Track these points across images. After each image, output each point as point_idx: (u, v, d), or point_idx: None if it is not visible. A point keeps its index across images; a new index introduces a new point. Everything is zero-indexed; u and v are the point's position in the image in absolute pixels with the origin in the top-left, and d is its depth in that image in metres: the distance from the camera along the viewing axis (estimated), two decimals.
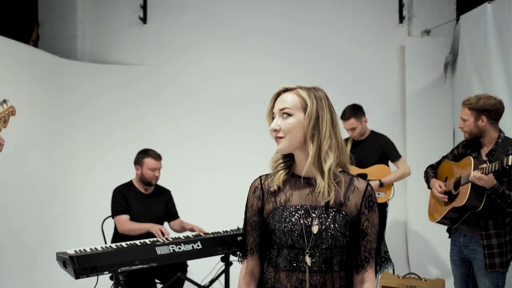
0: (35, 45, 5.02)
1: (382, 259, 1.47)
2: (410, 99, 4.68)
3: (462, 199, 2.48)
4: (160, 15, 5.08)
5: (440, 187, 2.70)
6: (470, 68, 3.73)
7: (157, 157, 3.41)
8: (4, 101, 2.59)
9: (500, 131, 2.53)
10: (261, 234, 1.48)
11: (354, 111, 3.49)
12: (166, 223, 3.59)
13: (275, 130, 1.41)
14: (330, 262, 1.38)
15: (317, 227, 1.37)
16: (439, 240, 4.39)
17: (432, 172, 2.89)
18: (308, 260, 1.37)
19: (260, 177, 1.52)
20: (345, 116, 3.50)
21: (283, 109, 1.42)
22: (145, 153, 3.41)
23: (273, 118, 1.45)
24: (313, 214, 1.39)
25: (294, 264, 1.38)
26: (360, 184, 1.45)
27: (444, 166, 2.81)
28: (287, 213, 1.40)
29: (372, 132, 3.61)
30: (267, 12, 4.97)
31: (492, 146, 2.51)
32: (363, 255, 1.43)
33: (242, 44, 4.95)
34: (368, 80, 4.78)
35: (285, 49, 4.89)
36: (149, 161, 3.36)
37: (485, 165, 2.37)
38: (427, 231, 4.42)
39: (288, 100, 1.42)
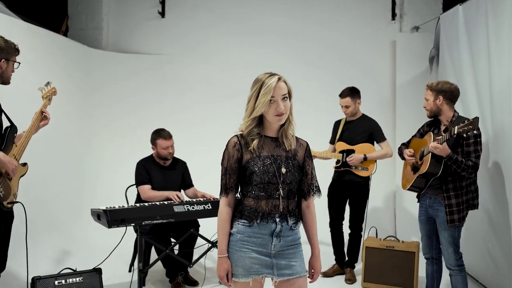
0: (65, 35, 5.59)
1: (316, 189, 2.09)
2: (400, 89, 5.19)
3: (425, 167, 3.02)
4: (177, 10, 5.63)
5: (410, 151, 3.25)
6: (447, 61, 4.23)
7: (168, 136, 3.87)
8: (48, 83, 3.17)
9: (455, 111, 3.06)
10: (238, 177, 2.00)
11: (352, 91, 4.01)
12: (182, 191, 4.14)
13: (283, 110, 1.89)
14: (291, 191, 2.00)
15: (285, 169, 1.97)
16: None
17: (404, 147, 3.44)
18: (280, 191, 1.96)
19: (236, 135, 2.02)
20: (342, 94, 4.02)
21: (285, 94, 1.91)
22: (157, 134, 3.86)
23: (270, 101, 1.89)
24: (279, 160, 1.98)
25: (269, 194, 1.95)
26: (303, 142, 2.10)
27: (413, 143, 3.35)
28: (262, 160, 1.96)
29: (364, 115, 4.12)
30: (272, 11, 5.50)
31: (448, 124, 3.05)
32: (307, 188, 2.07)
33: (249, 38, 5.49)
34: (363, 71, 5.30)
35: (288, 44, 5.43)
36: (161, 142, 3.84)
37: (440, 136, 2.90)
38: (411, 202, 4.92)
39: (284, 87, 1.92)
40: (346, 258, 4.12)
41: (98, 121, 5.35)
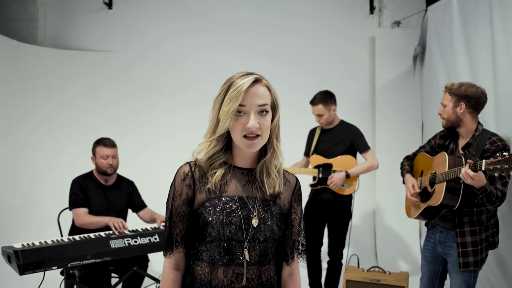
0: None
1: (302, 249, 1.47)
2: (380, 91, 4.65)
3: (437, 199, 2.39)
4: (126, 0, 4.90)
5: (413, 187, 2.60)
6: (437, 59, 3.71)
7: (109, 144, 3.24)
8: None
9: (479, 123, 2.43)
10: (188, 226, 1.37)
11: (324, 97, 3.40)
12: (134, 214, 3.47)
13: (256, 128, 1.27)
14: (266, 254, 1.36)
15: (257, 219, 1.32)
16: (407, 233, 4.40)
17: (408, 164, 2.78)
18: (246, 254, 1.31)
19: (188, 163, 1.39)
20: (314, 101, 3.42)
21: (263, 105, 1.29)
22: (97, 142, 3.27)
23: (236, 113, 1.28)
24: (250, 206, 1.33)
25: (230, 258, 1.31)
26: (291, 177, 1.47)
27: (420, 158, 2.72)
28: (223, 204, 1.32)
29: (342, 122, 3.53)
30: (237, 2, 4.83)
31: (469, 139, 2.41)
32: (291, 247, 1.43)
33: (211, 34, 4.81)
34: (339, 70, 4.72)
35: (257, 40, 4.78)
36: (99, 150, 3.21)
37: (471, 160, 2.20)
38: (395, 224, 4.42)
39: (264, 94, 1.31)
40: None
41: (30, 129, 4.55)
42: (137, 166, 4.40)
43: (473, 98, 2.37)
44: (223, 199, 1.33)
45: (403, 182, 2.74)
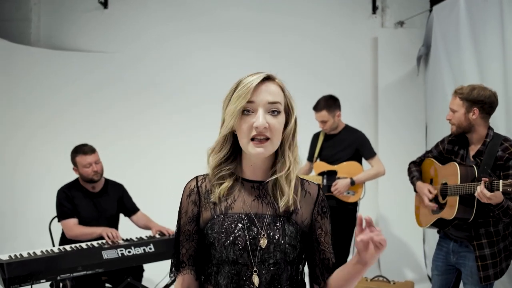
0: None
1: (333, 268, 1.31)
2: (382, 92, 4.53)
3: (451, 212, 2.27)
4: (122, 0, 4.78)
5: (430, 192, 2.45)
6: (442, 60, 3.61)
7: (89, 151, 3.09)
8: None
9: (489, 128, 2.29)
10: (197, 246, 1.27)
11: (329, 103, 3.27)
12: (127, 222, 3.32)
13: (264, 128, 1.14)
14: (278, 279, 1.21)
15: (266, 240, 1.18)
16: (410, 239, 4.27)
17: (417, 170, 2.62)
18: (255, 279, 1.18)
19: (196, 177, 1.29)
20: (318, 107, 3.29)
21: (274, 103, 1.17)
22: (75, 151, 3.11)
23: (244, 112, 1.17)
24: (259, 224, 1.20)
25: (237, 282, 1.19)
26: (311, 188, 1.30)
27: (428, 164, 2.57)
28: (229, 222, 1.20)
29: (346, 127, 3.40)
30: (236, 2, 4.71)
31: (480, 146, 2.27)
32: (321, 267, 1.28)
33: (212, 33, 4.69)
34: (340, 72, 4.60)
35: (257, 40, 4.67)
36: (80, 159, 3.06)
37: (486, 178, 2.07)
38: (398, 231, 4.30)
39: (277, 92, 1.19)
40: None
41: (27, 132, 4.41)
42: (137, 169, 4.32)
43: (486, 103, 2.22)
44: (229, 217, 1.21)
45: (415, 190, 2.59)
